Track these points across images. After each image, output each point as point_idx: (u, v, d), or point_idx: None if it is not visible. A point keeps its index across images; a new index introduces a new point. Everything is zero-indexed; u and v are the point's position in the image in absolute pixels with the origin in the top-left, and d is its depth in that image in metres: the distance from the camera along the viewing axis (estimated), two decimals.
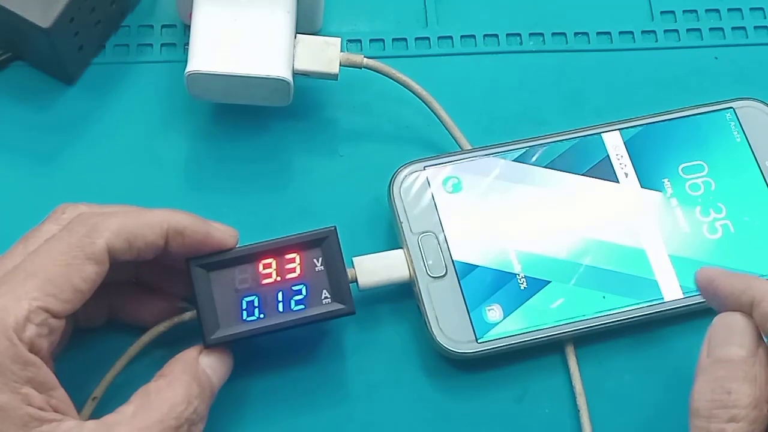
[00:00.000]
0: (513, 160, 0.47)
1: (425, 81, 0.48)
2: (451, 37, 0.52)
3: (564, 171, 0.46)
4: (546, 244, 0.45)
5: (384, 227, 0.47)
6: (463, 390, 0.44)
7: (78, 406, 0.39)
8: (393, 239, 0.46)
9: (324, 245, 0.42)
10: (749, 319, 0.36)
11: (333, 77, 0.47)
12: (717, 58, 0.52)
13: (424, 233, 0.45)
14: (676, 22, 0.53)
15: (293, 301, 0.41)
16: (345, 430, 0.43)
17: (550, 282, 0.44)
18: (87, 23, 0.48)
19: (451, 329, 0.43)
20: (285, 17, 0.46)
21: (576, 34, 0.52)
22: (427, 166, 0.46)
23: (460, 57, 0.51)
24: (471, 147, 0.47)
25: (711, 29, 0.53)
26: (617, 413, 0.44)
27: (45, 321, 0.35)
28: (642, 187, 0.46)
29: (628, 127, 0.47)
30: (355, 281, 0.43)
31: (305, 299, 0.41)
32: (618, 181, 0.46)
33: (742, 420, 0.34)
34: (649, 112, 0.48)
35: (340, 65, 0.46)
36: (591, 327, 0.44)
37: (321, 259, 0.42)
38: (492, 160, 0.47)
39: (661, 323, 0.45)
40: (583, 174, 0.46)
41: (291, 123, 0.49)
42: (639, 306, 0.44)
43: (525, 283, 0.44)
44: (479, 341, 0.43)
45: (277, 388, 0.43)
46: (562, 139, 0.47)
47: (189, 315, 0.42)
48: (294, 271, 0.42)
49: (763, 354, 0.36)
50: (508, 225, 0.45)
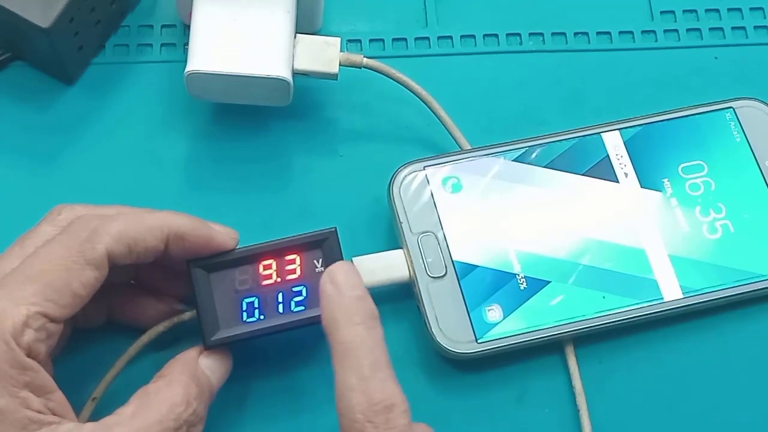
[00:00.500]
0: (513, 159, 0.47)
1: (425, 81, 0.48)
2: (451, 37, 0.52)
3: (564, 171, 0.46)
4: (546, 244, 0.45)
5: (384, 227, 0.47)
6: (463, 390, 0.44)
7: (77, 406, 0.39)
8: (393, 239, 0.46)
9: (324, 246, 0.42)
10: None
11: (333, 77, 0.47)
12: (717, 58, 0.52)
13: (423, 233, 0.45)
14: (676, 22, 0.53)
15: (293, 302, 0.41)
16: None
17: (549, 282, 0.44)
18: (87, 23, 0.48)
19: (451, 329, 0.43)
20: (285, 17, 0.46)
21: (576, 34, 0.52)
22: (427, 166, 0.46)
23: (460, 57, 0.51)
24: (471, 147, 0.47)
25: (711, 29, 0.52)
26: (617, 413, 0.44)
27: (43, 326, 0.35)
28: (642, 187, 0.46)
29: (628, 127, 0.47)
30: None
31: (305, 300, 0.41)
32: (618, 181, 0.46)
33: None
34: (649, 112, 0.48)
35: (339, 65, 0.46)
36: (591, 327, 0.44)
37: (321, 260, 0.42)
38: (492, 159, 0.47)
39: (661, 323, 0.45)
40: (583, 174, 0.46)
41: (291, 123, 0.49)
42: (639, 306, 0.44)
43: (525, 283, 0.44)
44: (479, 341, 0.43)
45: (277, 388, 0.43)
46: (561, 139, 0.47)
47: (188, 315, 0.42)
48: (294, 272, 0.42)
49: None
50: (507, 225, 0.45)
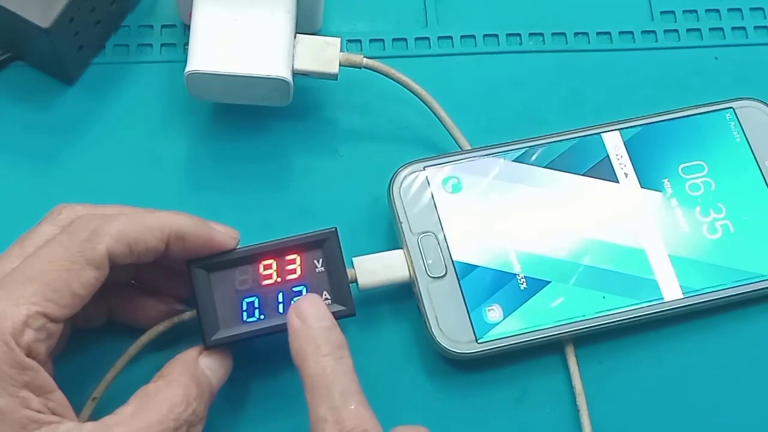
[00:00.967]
0: (513, 160, 0.47)
1: (425, 81, 0.48)
2: (451, 37, 0.52)
3: (564, 171, 0.46)
4: (546, 244, 0.45)
5: (384, 227, 0.47)
6: (463, 390, 0.44)
7: (77, 406, 0.39)
8: (393, 239, 0.46)
9: (325, 246, 0.42)
10: None
11: (333, 77, 0.47)
12: (717, 58, 0.52)
13: (423, 233, 0.45)
14: (676, 22, 0.53)
15: (293, 302, 0.41)
16: None
17: (550, 282, 0.44)
18: (87, 23, 0.48)
19: (451, 329, 0.43)
20: (285, 17, 0.46)
21: (576, 34, 0.52)
22: (427, 166, 0.46)
23: (460, 57, 0.51)
24: (471, 147, 0.47)
25: (711, 29, 0.52)
26: (617, 413, 0.44)
27: (43, 326, 0.35)
28: (642, 187, 0.46)
29: (628, 127, 0.47)
30: (355, 281, 0.43)
31: None
32: (618, 181, 0.46)
33: None
34: (649, 112, 0.48)
35: (339, 65, 0.46)
36: (591, 327, 0.44)
37: (321, 261, 0.42)
38: (492, 160, 0.47)
39: (661, 323, 0.45)
40: (583, 174, 0.46)
41: (291, 123, 0.49)
42: (639, 306, 0.44)
43: (525, 284, 0.44)
44: (479, 341, 0.43)
45: (277, 388, 0.43)
46: (562, 139, 0.47)
47: (188, 315, 0.42)
48: (294, 272, 0.42)
49: None
50: (507, 225, 0.45)
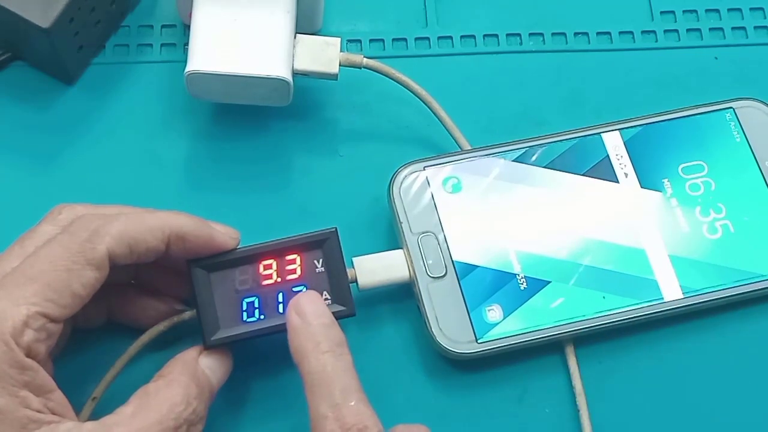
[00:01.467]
0: (513, 160, 0.47)
1: (425, 81, 0.48)
2: (451, 37, 0.52)
3: (564, 171, 0.46)
4: (546, 244, 0.45)
5: (384, 227, 0.47)
6: (463, 390, 0.44)
7: (78, 406, 0.39)
8: (393, 239, 0.46)
9: (325, 247, 0.42)
10: None
11: (333, 77, 0.47)
12: (717, 58, 0.52)
13: (423, 233, 0.45)
14: (676, 22, 0.53)
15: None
16: None
17: (550, 282, 0.44)
18: (87, 23, 0.48)
19: (451, 329, 0.43)
20: (285, 17, 0.46)
21: (576, 34, 0.52)
22: (427, 166, 0.46)
23: (460, 57, 0.51)
24: (471, 147, 0.47)
25: (711, 29, 0.52)
26: (617, 413, 0.44)
27: (43, 326, 0.35)
28: (642, 187, 0.46)
29: (628, 127, 0.47)
30: (355, 281, 0.43)
31: None
32: (618, 182, 0.46)
33: None
34: (649, 112, 0.48)
35: (339, 65, 0.46)
36: (591, 327, 0.44)
37: (321, 261, 0.42)
38: (492, 160, 0.47)
39: (661, 323, 0.45)
40: (583, 174, 0.46)
41: (291, 123, 0.49)
42: (639, 306, 0.44)
43: (525, 284, 0.44)
44: (479, 341, 0.43)
45: (277, 388, 0.43)
46: (562, 139, 0.47)
47: (188, 315, 0.42)
48: (294, 273, 0.42)
49: None
50: (508, 225, 0.45)
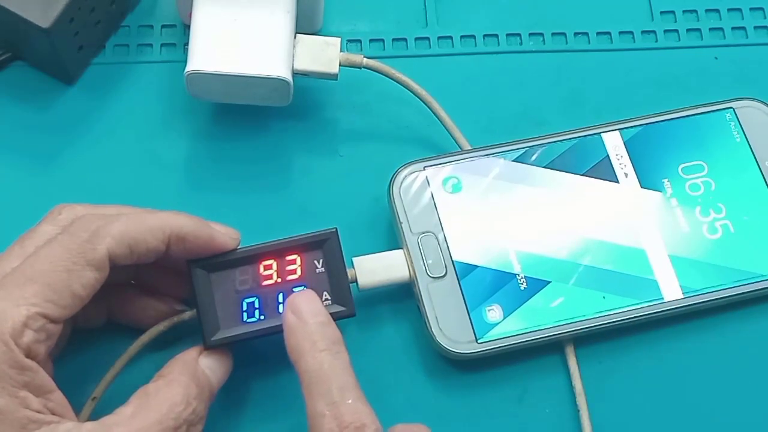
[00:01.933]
0: (513, 160, 0.47)
1: (425, 81, 0.48)
2: (451, 37, 0.52)
3: (564, 171, 0.46)
4: (546, 244, 0.45)
5: (384, 227, 0.47)
6: (463, 390, 0.44)
7: (77, 406, 0.39)
8: (393, 239, 0.46)
9: (325, 247, 0.42)
10: None
11: (333, 77, 0.47)
12: (717, 58, 0.52)
13: (423, 233, 0.45)
14: (676, 22, 0.53)
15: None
16: None
17: (550, 282, 0.44)
18: (87, 23, 0.48)
19: (451, 329, 0.43)
20: (285, 17, 0.46)
21: (576, 34, 0.52)
22: (427, 166, 0.46)
23: (460, 57, 0.51)
24: (471, 147, 0.47)
25: (711, 29, 0.52)
26: (617, 413, 0.44)
27: (43, 326, 0.35)
28: (642, 187, 0.46)
29: (628, 127, 0.47)
30: (355, 281, 0.43)
31: None
32: (618, 181, 0.46)
33: None
34: (649, 112, 0.48)
35: (339, 65, 0.46)
36: (591, 327, 0.44)
37: (322, 261, 0.42)
38: (492, 160, 0.47)
39: (661, 323, 0.45)
40: (583, 174, 0.46)
41: (291, 123, 0.49)
42: (639, 306, 0.44)
43: (525, 283, 0.44)
44: (479, 341, 0.43)
45: (277, 388, 0.43)
46: (562, 139, 0.47)
47: (188, 315, 0.42)
48: (294, 273, 0.42)
49: None
50: (507, 225, 0.45)
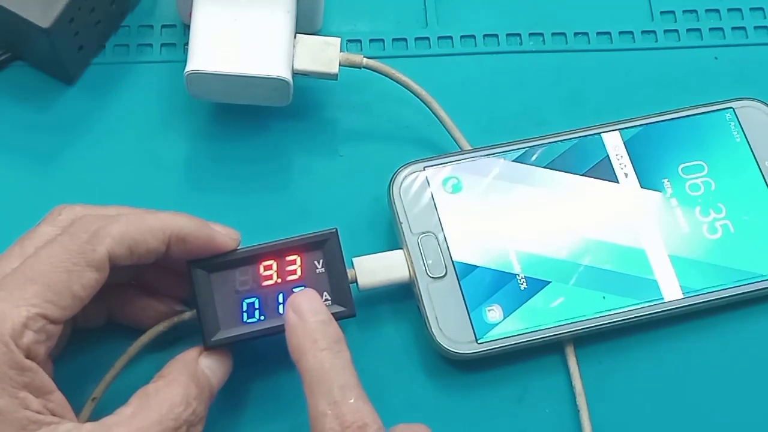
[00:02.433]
0: (513, 160, 0.47)
1: (425, 81, 0.48)
2: (451, 37, 0.52)
3: (564, 171, 0.46)
4: (546, 244, 0.45)
5: (384, 227, 0.47)
6: (463, 390, 0.44)
7: (77, 406, 0.39)
8: (393, 239, 0.46)
9: (325, 247, 0.42)
10: None
11: (333, 77, 0.47)
12: (717, 58, 0.52)
13: (423, 233, 0.45)
14: (676, 22, 0.53)
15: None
16: None
17: (550, 282, 0.44)
18: (87, 23, 0.48)
19: (451, 330, 0.43)
20: (285, 17, 0.46)
21: (576, 34, 0.52)
22: (427, 166, 0.46)
23: (460, 57, 0.51)
24: (471, 147, 0.47)
25: (711, 29, 0.52)
26: (617, 413, 0.44)
27: (43, 327, 0.35)
28: (642, 187, 0.46)
29: (628, 127, 0.47)
30: (355, 282, 0.43)
31: None
32: (618, 182, 0.46)
33: None
34: (649, 112, 0.48)
35: (339, 65, 0.46)
36: (591, 327, 0.44)
37: (322, 261, 0.42)
38: (492, 160, 0.47)
39: (662, 323, 0.45)
40: (583, 174, 0.46)
41: (291, 123, 0.49)
42: (639, 306, 0.44)
43: (525, 284, 0.44)
44: (479, 342, 0.43)
45: (277, 389, 0.43)
46: (562, 139, 0.47)
47: (188, 315, 0.42)
48: (294, 273, 0.42)
49: None
50: (508, 225, 0.45)
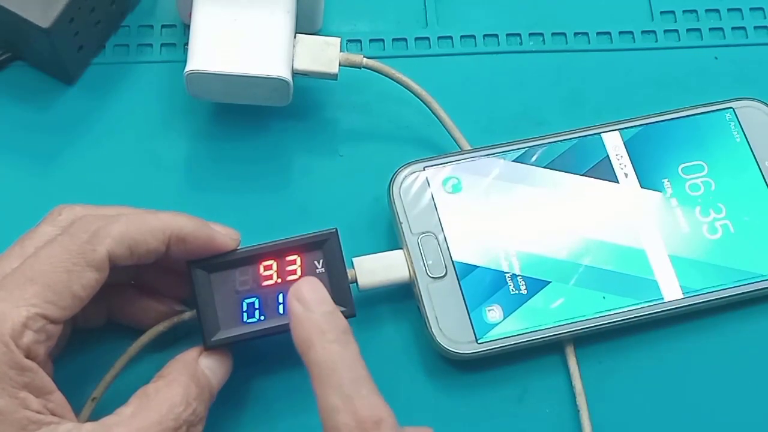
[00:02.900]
0: (513, 160, 0.47)
1: (425, 81, 0.48)
2: (451, 37, 0.52)
3: (564, 171, 0.46)
4: (546, 244, 0.45)
5: (384, 227, 0.47)
6: (463, 390, 0.44)
7: (77, 406, 0.39)
8: (393, 239, 0.46)
9: (325, 247, 0.42)
10: None
11: (333, 77, 0.47)
12: (717, 58, 0.52)
13: (423, 233, 0.45)
14: (676, 22, 0.53)
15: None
16: None
17: (550, 282, 0.44)
18: (87, 23, 0.48)
19: (451, 330, 0.43)
20: (285, 17, 0.46)
21: (576, 34, 0.52)
22: (427, 166, 0.46)
23: (460, 57, 0.51)
24: (471, 147, 0.47)
25: (711, 29, 0.52)
26: (617, 413, 0.44)
27: (43, 327, 0.35)
28: (642, 188, 0.46)
29: (628, 127, 0.47)
30: (355, 282, 0.43)
31: None
32: (618, 182, 0.46)
33: None
34: (649, 112, 0.48)
35: (339, 65, 0.46)
36: (591, 327, 0.44)
37: (322, 261, 0.42)
38: (492, 160, 0.47)
39: (662, 323, 0.45)
40: (583, 174, 0.46)
41: (291, 123, 0.49)
42: (639, 306, 0.44)
43: (525, 284, 0.44)
44: (479, 342, 0.43)
45: (277, 389, 0.43)
46: (561, 139, 0.47)
47: (188, 315, 0.42)
48: (294, 273, 0.41)
49: None
50: (508, 225, 0.45)
